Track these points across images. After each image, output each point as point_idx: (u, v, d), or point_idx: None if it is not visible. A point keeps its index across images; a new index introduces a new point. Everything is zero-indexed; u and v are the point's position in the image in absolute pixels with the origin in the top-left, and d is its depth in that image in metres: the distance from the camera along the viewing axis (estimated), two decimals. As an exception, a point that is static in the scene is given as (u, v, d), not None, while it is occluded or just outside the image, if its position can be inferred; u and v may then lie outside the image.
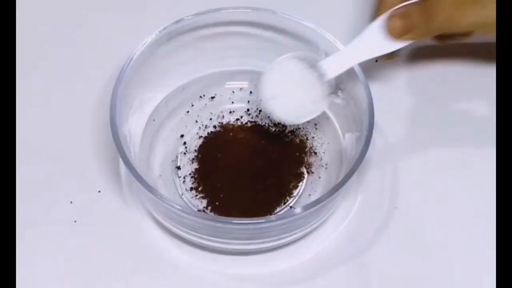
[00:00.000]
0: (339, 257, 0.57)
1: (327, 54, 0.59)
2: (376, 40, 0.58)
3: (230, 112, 0.64)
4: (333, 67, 0.57)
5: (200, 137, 0.62)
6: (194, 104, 0.64)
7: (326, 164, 0.61)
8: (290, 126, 0.62)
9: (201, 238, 0.55)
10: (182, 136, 0.62)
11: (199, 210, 0.57)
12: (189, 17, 0.60)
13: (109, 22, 0.70)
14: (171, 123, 0.63)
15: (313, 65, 0.58)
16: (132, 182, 0.58)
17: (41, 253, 0.56)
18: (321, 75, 0.57)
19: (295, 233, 0.55)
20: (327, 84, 0.57)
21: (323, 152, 0.62)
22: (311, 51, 0.59)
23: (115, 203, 0.59)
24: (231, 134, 0.62)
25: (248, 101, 0.64)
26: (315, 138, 0.62)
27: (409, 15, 0.57)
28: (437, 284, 0.56)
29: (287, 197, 0.59)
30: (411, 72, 0.67)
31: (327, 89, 0.58)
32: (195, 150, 0.61)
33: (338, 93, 0.61)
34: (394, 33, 0.57)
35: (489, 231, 0.57)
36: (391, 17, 0.57)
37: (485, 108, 0.64)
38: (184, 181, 0.59)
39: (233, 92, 0.65)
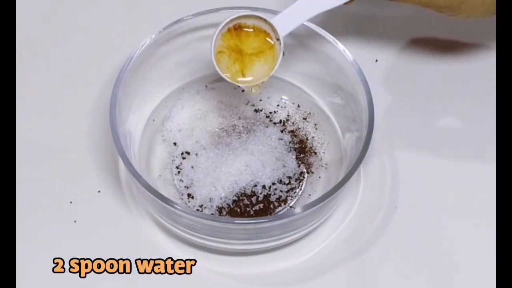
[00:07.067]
0: (339, 257, 0.57)
1: (326, 54, 0.59)
2: None
3: (230, 112, 0.64)
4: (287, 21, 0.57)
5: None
6: (194, 104, 0.64)
7: (326, 164, 0.61)
8: (290, 125, 0.62)
9: (201, 238, 0.55)
10: (182, 136, 0.62)
11: (198, 210, 0.57)
12: (189, 17, 0.60)
13: (109, 22, 0.70)
14: (171, 123, 0.63)
15: None
16: (132, 182, 0.58)
17: (41, 253, 0.56)
18: None
19: (295, 233, 0.55)
20: None
21: (323, 152, 0.62)
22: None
23: (115, 203, 0.59)
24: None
25: (248, 101, 0.64)
26: (315, 138, 0.62)
27: None
28: (437, 284, 0.56)
29: (287, 197, 0.59)
30: (411, 71, 0.67)
31: None
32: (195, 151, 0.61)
33: (339, 93, 0.61)
34: None
35: (489, 231, 0.57)
36: None
37: (486, 108, 0.64)
38: (183, 181, 0.59)
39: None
